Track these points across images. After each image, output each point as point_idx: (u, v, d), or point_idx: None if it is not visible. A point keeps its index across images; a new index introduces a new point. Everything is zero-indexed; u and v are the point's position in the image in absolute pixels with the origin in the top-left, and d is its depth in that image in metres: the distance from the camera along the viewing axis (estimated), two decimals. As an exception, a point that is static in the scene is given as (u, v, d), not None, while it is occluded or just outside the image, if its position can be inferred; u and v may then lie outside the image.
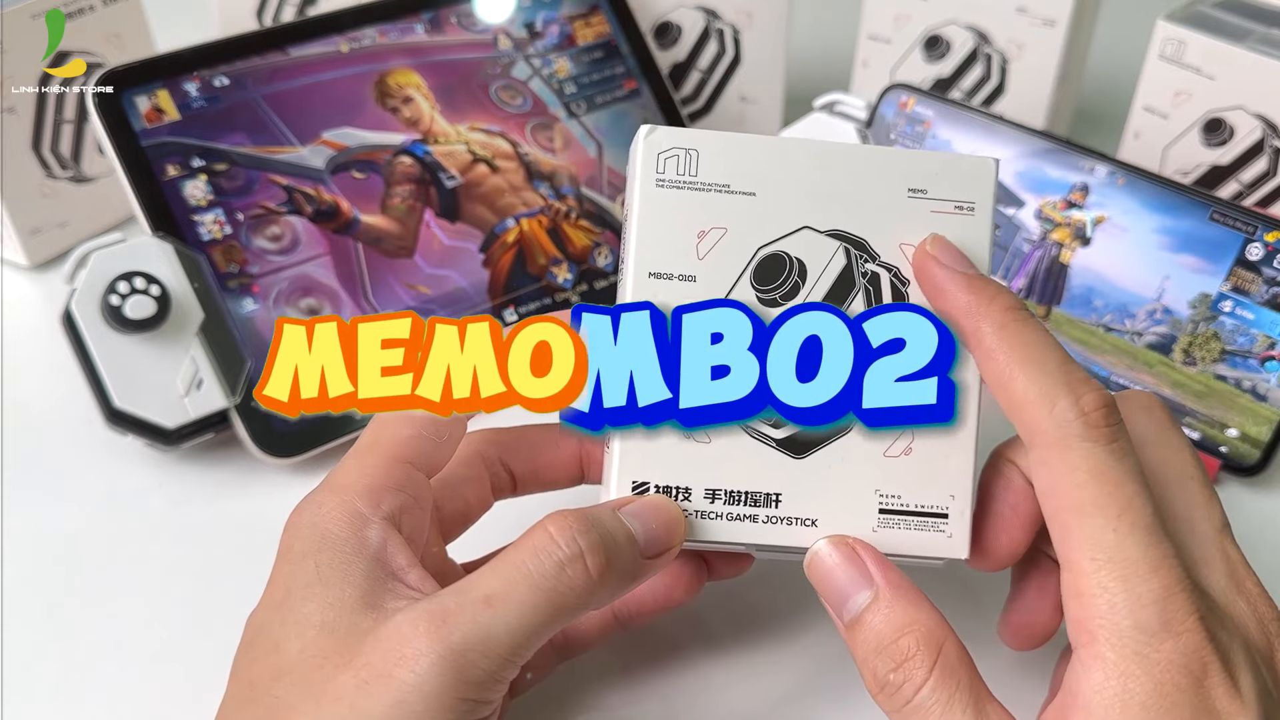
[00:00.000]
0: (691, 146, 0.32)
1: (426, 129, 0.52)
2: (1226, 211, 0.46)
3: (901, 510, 0.31)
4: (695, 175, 0.32)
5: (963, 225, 0.32)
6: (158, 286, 0.43)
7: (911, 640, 0.28)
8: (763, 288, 0.31)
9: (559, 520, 0.28)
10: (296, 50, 0.50)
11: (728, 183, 0.32)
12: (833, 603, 0.30)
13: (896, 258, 0.32)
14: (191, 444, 0.45)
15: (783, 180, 0.32)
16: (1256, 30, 0.52)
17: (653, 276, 0.31)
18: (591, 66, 0.57)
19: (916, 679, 0.28)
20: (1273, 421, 0.44)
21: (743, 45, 0.61)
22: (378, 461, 0.31)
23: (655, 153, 0.32)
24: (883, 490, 0.31)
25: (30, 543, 0.42)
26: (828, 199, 0.32)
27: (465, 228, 0.51)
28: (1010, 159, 0.50)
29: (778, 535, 0.31)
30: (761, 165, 0.32)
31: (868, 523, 0.31)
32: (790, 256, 0.32)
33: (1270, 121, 0.51)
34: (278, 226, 0.47)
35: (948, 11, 0.60)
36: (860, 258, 0.32)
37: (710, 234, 0.32)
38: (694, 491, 0.31)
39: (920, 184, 0.32)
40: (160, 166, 0.46)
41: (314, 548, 0.29)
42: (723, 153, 0.32)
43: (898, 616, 0.29)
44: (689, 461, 0.31)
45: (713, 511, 0.31)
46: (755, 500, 0.31)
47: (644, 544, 0.30)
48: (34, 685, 0.37)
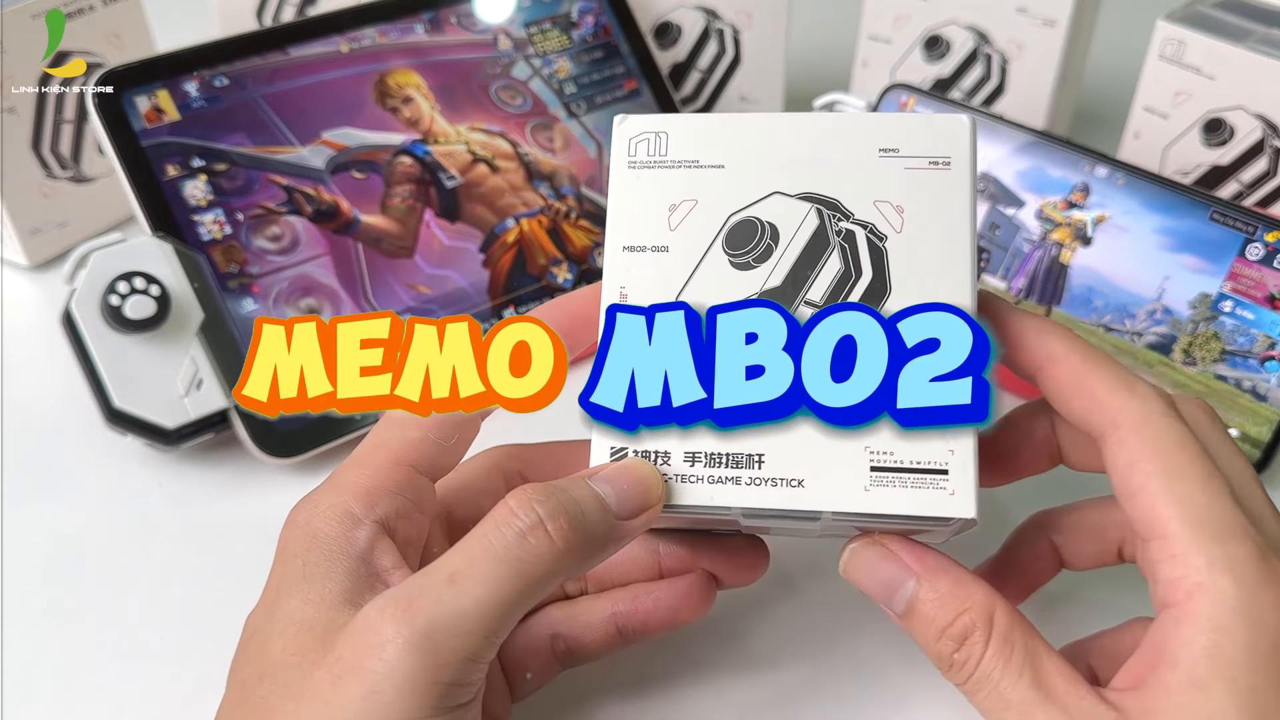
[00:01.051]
0: (661, 129, 0.32)
1: (426, 129, 0.52)
2: (1226, 211, 0.46)
3: (895, 467, 0.30)
4: (665, 155, 0.32)
5: (939, 179, 0.31)
6: (158, 286, 0.43)
7: (967, 618, 0.29)
8: (734, 252, 0.31)
9: (519, 492, 0.28)
10: (296, 50, 0.50)
11: (696, 158, 0.32)
12: (881, 600, 0.31)
13: (871, 214, 0.31)
14: (191, 444, 0.44)
15: (750, 152, 0.32)
16: (1257, 30, 0.52)
17: (626, 250, 0.32)
18: (591, 66, 0.57)
19: (976, 653, 0.29)
20: (1273, 422, 0.44)
21: (743, 45, 0.61)
22: (380, 463, 0.30)
23: (627, 138, 0.33)
24: (873, 447, 0.30)
25: (30, 543, 0.42)
26: (797, 165, 0.32)
27: (465, 228, 0.51)
28: (1011, 159, 0.50)
29: (762, 497, 0.30)
30: (729, 140, 0.32)
31: (859, 481, 0.30)
32: (761, 221, 0.32)
33: (1270, 121, 0.51)
34: (278, 226, 0.47)
35: (948, 11, 0.60)
36: (834, 217, 0.31)
37: (681, 206, 0.32)
38: (673, 455, 0.30)
39: (891, 144, 0.32)
40: (160, 166, 0.46)
41: (304, 547, 0.29)
42: (691, 131, 0.32)
43: (946, 598, 0.29)
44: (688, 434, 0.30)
45: (693, 475, 0.30)
46: (737, 461, 0.30)
47: (617, 506, 0.29)
48: (34, 685, 0.37)
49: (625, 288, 0.31)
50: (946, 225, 0.31)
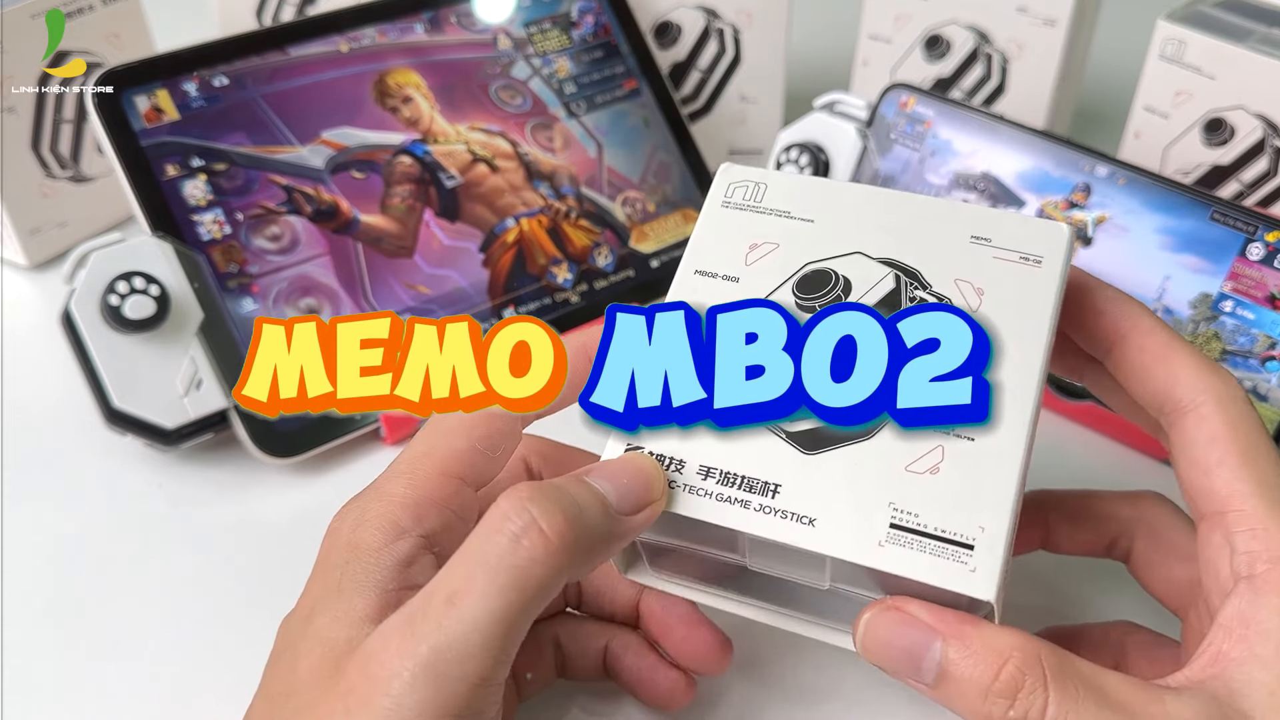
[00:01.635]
0: (762, 181, 0.33)
1: (426, 129, 0.52)
2: (1227, 211, 0.45)
3: (917, 529, 0.28)
4: (760, 202, 0.33)
5: (1027, 275, 0.31)
6: (157, 286, 0.43)
7: (1012, 668, 0.26)
8: (803, 295, 0.31)
9: (510, 493, 0.27)
10: (296, 50, 0.50)
11: (789, 210, 0.33)
12: (907, 672, 0.28)
13: (950, 290, 0.31)
14: (191, 444, 0.44)
15: (843, 214, 0.33)
16: (1257, 30, 0.52)
17: (698, 274, 0.32)
18: (591, 66, 0.57)
19: (1038, 704, 0.26)
20: (1274, 422, 0.44)
21: (743, 45, 0.61)
22: (428, 474, 0.30)
23: (727, 182, 0.34)
24: (898, 504, 0.28)
25: (29, 543, 0.42)
26: (885, 232, 0.32)
27: (465, 227, 0.51)
28: (1011, 159, 0.50)
29: (769, 527, 0.28)
30: (825, 200, 0.33)
31: (874, 534, 0.28)
32: (837, 273, 0.32)
33: (1271, 121, 0.51)
34: (277, 226, 0.47)
35: (948, 11, 0.60)
36: (910, 284, 0.31)
37: (762, 246, 0.32)
38: (688, 465, 0.29)
39: (984, 233, 0.32)
40: (160, 166, 0.46)
41: (344, 558, 0.28)
42: (789, 186, 0.33)
43: (981, 653, 0.27)
44: (690, 435, 0.30)
45: (702, 489, 0.29)
46: (752, 486, 0.29)
47: (617, 502, 0.28)
48: (33, 685, 0.37)
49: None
50: (1026, 312, 0.30)
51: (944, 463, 0.29)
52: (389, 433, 0.46)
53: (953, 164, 0.51)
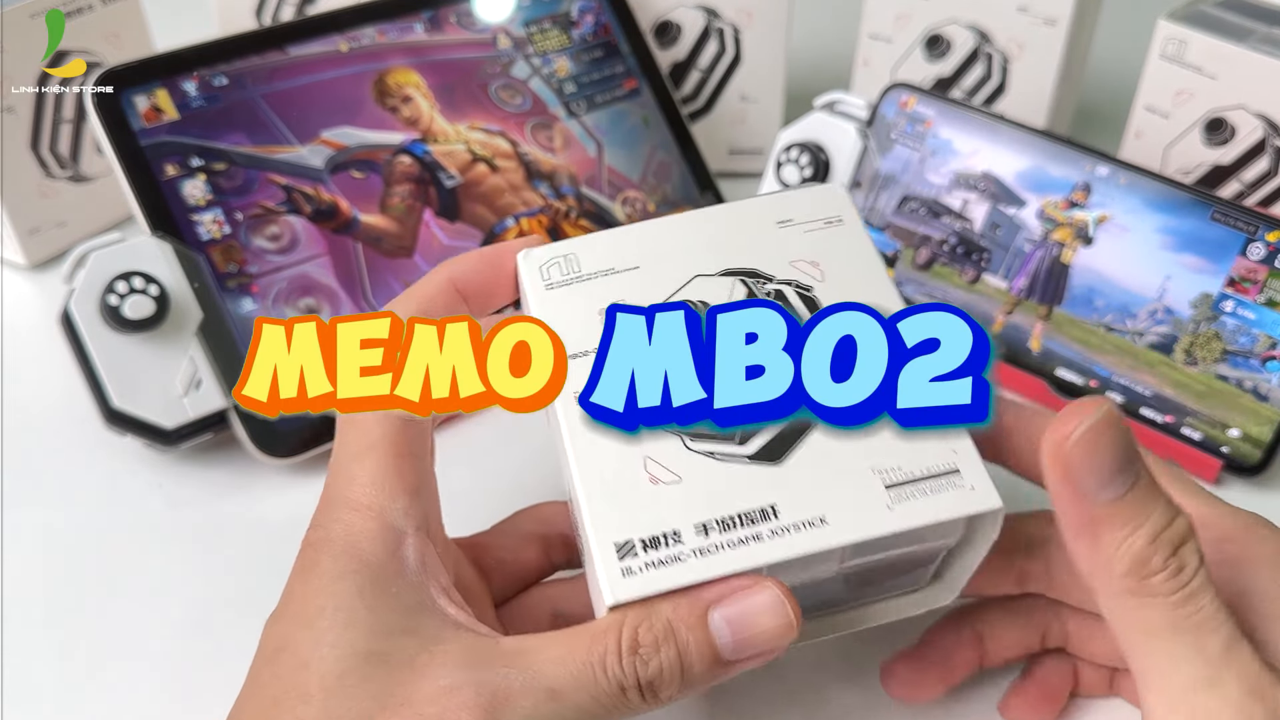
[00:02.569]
0: (569, 252, 0.34)
1: (426, 128, 0.51)
2: (1228, 211, 0.45)
3: (909, 479, 0.29)
4: (579, 270, 0.33)
5: (838, 233, 0.34)
6: (156, 286, 0.43)
7: (1183, 522, 0.27)
8: None
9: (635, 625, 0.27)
10: (295, 49, 0.50)
11: (612, 266, 0.33)
12: (1108, 477, 0.27)
13: (792, 273, 0.33)
14: (190, 444, 0.44)
15: (661, 250, 0.33)
16: (1258, 30, 0.52)
17: (572, 358, 0.31)
18: (591, 66, 0.57)
19: (1195, 559, 0.27)
20: (1274, 421, 0.44)
21: (743, 44, 0.61)
22: (385, 463, 0.30)
23: (537, 266, 0.33)
24: (879, 466, 0.29)
25: (29, 542, 0.42)
26: (707, 250, 0.33)
27: (465, 227, 0.51)
28: (1012, 158, 0.50)
29: (789, 546, 0.28)
30: (637, 245, 0.34)
31: (879, 501, 0.29)
32: (692, 302, 0.32)
33: (1272, 121, 0.51)
34: (277, 226, 0.47)
35: (948, 10, 0.59)
36: (758, 283, 0.33)
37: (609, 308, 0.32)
38: (683, 532, 0.29)
39: (784, 216, 0.34)
40: (159, 166, 0.46)
41: (351, 568, 0.28)
42: (597, 247, 0.34)
43: (1165, 506, 0.27)
44: (665, 505, 0.29)
45: (711, 545, 0.29)
46: (752, 519, 0.29)
47: (734, 649, 0.28)
48: (33, 685, 0.37)
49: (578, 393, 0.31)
50: (860, 263, 0.33)
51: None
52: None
53: (953, 163, 0.51)
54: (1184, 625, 0.26)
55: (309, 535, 0.30)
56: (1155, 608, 0.27)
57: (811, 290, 0.32)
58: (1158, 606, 0.27)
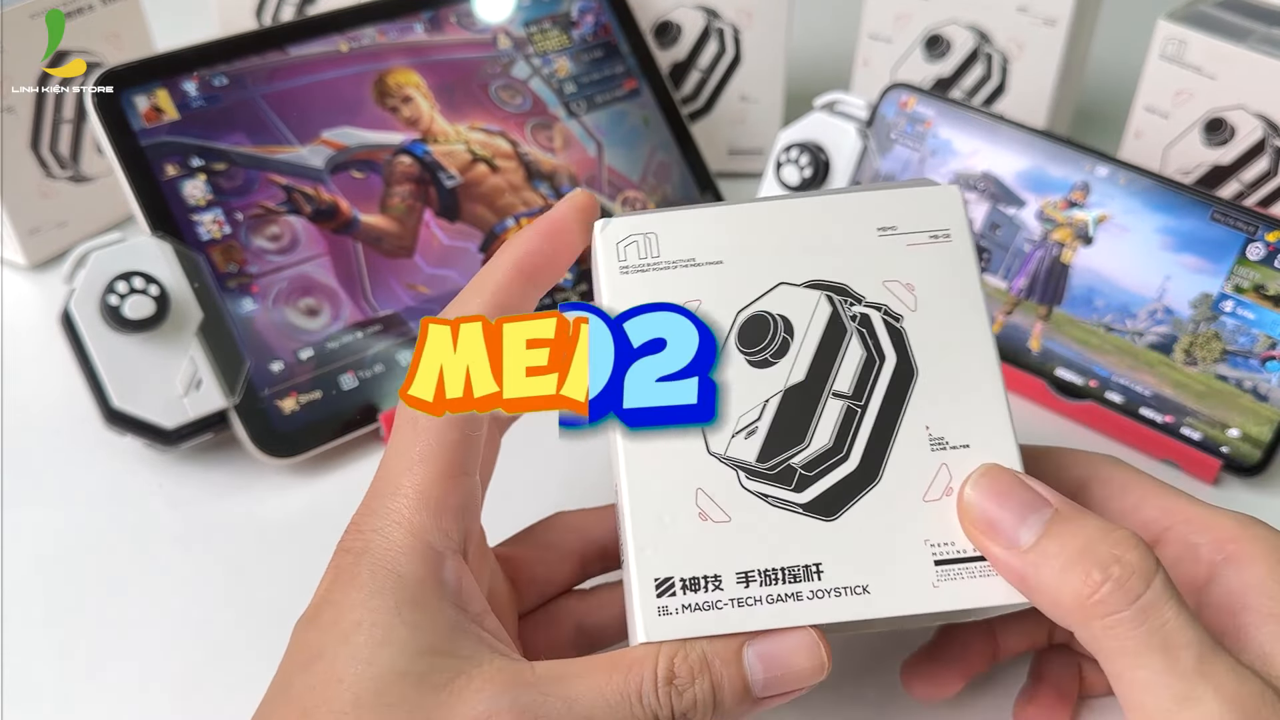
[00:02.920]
0: (649, 230, 0.31)
1: (426, 128, 0.51)
2: (1228, 211, 0.45)
3: (959, 558, 0.29)
4: (658, 256, 0.31)
5: (942, 253, 0.31)
6: (157, 286, 0.43)
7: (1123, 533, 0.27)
8: (750, 350, 0.30)
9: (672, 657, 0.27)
10: (296, 49, 0.50)
11: (693, 257, 0.31)
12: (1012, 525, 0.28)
13: (883, 296, 0.31)
14: (190, 444, 0.44)
15: (748, 244, 0.31)
16: (1257, 30, 0.52)
17: None
18: (591, 66, 0.57)
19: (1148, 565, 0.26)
20: (1274, 421, 0.44)
21: (743, 44, 0.61)
22: (434, 481, 0.29)
23: (614, 243, 0.31)
24: (932, 539, 0.29)
25: (28, 543, 0.42)
26: (798, 252, 0.31)
27: (465, 227, 0.51)
28: (1011, 158, 0.50)
29: (829, 611, 0.28)
30: (723, 234, 0.31)
31: (925, 578, 0.28)
32: (772, 314, 0.31)
33: (1271, 121, 0.51)
34: (277, 226, 0.47)
35: (948, 11, 0.59)
36: (845, 301, 0.31)
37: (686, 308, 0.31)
38: (724, 578, 0.28)
39: (888, 221, 0.31)
40: (159, 166, 0.46)
41: (390, 585, 0.28)
42: (681, 230, 0.31)
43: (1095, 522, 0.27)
44: (710, 545, 0.29)
45: (750, 597, 0.28)
46: (794, 575, 0.28)
47: (764, 685, 0.28)
48: (33, 684, 0.37)
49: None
50: (959, 298, 0.31)
51: (953, 481, 0.29)
52: (388, 433, 0.46)
53: (953, 164, 0.51)
54: (1151, 642, 0.26)
55: (347, 541, 0.29)
56: (1118, 626, 0.26)
57: (900, 320, 0.31)
58: (1117, 625, 0.26)
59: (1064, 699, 0.35)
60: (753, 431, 0.30)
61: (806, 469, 0.30)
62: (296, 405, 0.45)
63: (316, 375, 0.46)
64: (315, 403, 0.46)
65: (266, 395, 0.45)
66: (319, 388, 0.46)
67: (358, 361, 0.47)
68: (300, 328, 0.46)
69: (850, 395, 0.30)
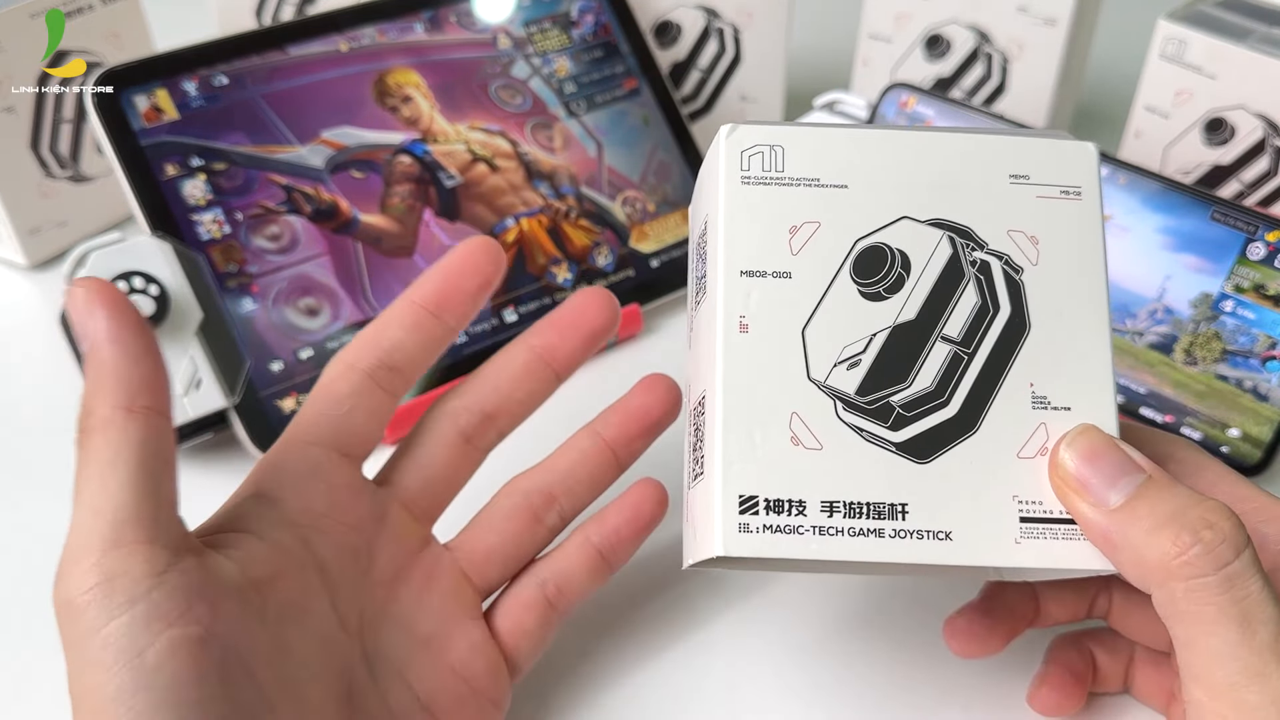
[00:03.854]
0: (776, 143, 0.30)
1: (426, 128, 0.51)
2: (1228, 211, 0.45)
3: (1045, 518, 0.28)
4: (782, 171, 0.30)
5: (1071, 210, 0.30)
6: (156, 286, 0.43)
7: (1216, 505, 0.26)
8: (864, 281, 0.30)
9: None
10: (296, 49, 0.50)
11: (817, 177, 0.30)
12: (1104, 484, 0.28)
13: (1006, 245, 0.30)
14: (190, 444, 0.44)
15: (875, 171, 0.30)
16: (1258, 29, 0.52)
17: (744, 275, 0.29)
18: (591, 65, 0.57)
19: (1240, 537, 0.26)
20: (1274, 421, 0.44)
21: (743, 44, 0.61)
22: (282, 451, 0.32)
23: (739, 150, 0.30)
24: (1021, 496, 0.29)
25: (28, 543, 0.42)
26: (925, 188, 0.30)
27: (465, 227, 0.51)
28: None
29: (908, 551, 0.28)
30: (852, 157, 0.30)
31: (1009, 533, 0.28)
32: (891, 248, 0.30)
33: (1271, 121, 0.51)
34: (277, 226, 0.47)
35: (948, 10, 0.60)
36: (967, 245, 0.30)
37: (803, 229, 0.30)
38: (809, 505, 0.28)
39: (1021, 170, 0.30)
40: (159, 166, 0.46)
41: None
42: (810, 147, 0.30)
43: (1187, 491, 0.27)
44: (800, 470, 0.28)
45: (832, 527, 0.28)
46: (879, 512, 0.28)
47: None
48: (32, 686, 0.37)
49: (745, 316, 0.29)
50: (1083, 258, 0.30)
51: (1049, 441, 0.29)
52: (388, 433, 0.46)
53: (953, 163, 0.51)
54: (1230, 611, 0.25)
55: None
56: (1198, 590, 0.26)
57: (1020, 273, 0.30)
58: (1200, 589, 0.26)
59: (1078, 682, 0.35)
60: (856, 364, 0.29)
61: (905, 409, 0.29)
62: (296, 405, 0.45)
63: (316, 375, 0.46)
64: (315, 402, 0.46)
65: (266, 395, 0.45)
66: (319, 387, 0.46)
67: (358, 361, 0.47)
68: (300, 327, 0.46)
69: (959, 341, 0.30)
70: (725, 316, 0.29)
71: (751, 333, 0.29)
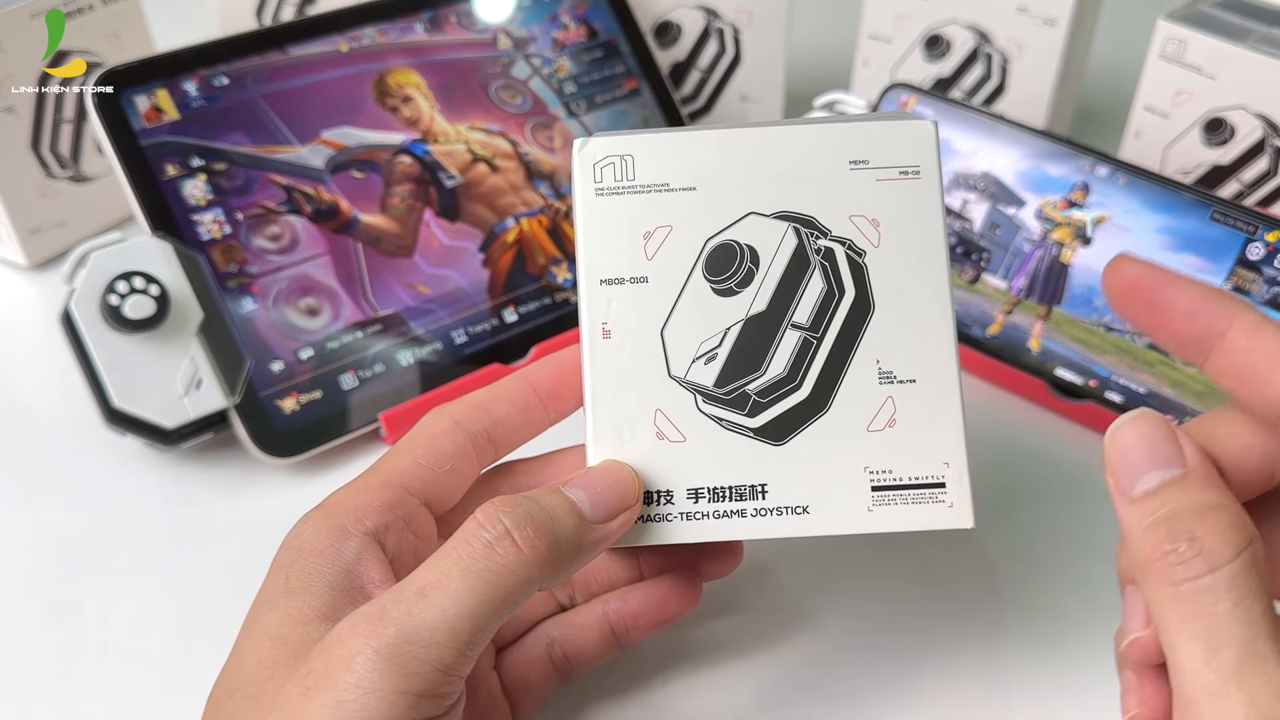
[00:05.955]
0: (626, 152, 0.32)
1: (426, 128, 0.52)
2: (1227, 211, 0.45)
3: (895, 485, 0.31)
4: (633, 179, 0.32)
5: (910, 190, 0.32)
6: (157, 286, 0.43)
7: (1220, 517, 0.25)
8: (716, 278, 0.31)
9: (487, 505, 0.28)
10: (296, 49, 0.50)
11: (667, 181, 0.32)
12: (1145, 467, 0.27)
13: (848, 230, 0.32)
14: (191, 444, 0.44)
15: (721, 171, 0.32)
16: (1257, 30, 0.52)
17: (604, 283, 0.31)
18: (591, 66, 0.57)
19: (1221, 554, 0.25)
20: (1274, 421, 0.44)
21: (743, 44, 0.61)
22: (369, 485, 0.31)
23: (590, 163, 0.32)
24: (872, 467, 0.31)
25: (28, 543, 0.42)
26: (768, 182, 0.32)
27: (465, 227, 0.51)
28: (1011, 158, 0.50)
29: (769, 527, 0.31)
30: (697, 159, 0.32)
31: (862, 502, 0.31)
32: (739, 244, 0.31)
33: (1271, 121, 0.51)
34: (277, 226, 0.47)
35: (948, 11, 0.60)
36: (811, 235, 0.32)
37: (656, 233, 0.32)
38: (675, 494, 0.31)
39: (861, 155, 0.32)
40: (159, 166, 0.46)
41: (289, 560, 0.29)
42: (657, 153, 0.32)
43: (1205, 497, 0.26)
44: (666, 463, 0.31)
45: (698, 511, 0.31)
46: (741, 494, 0.31)
47: (591, 510, 0.29)
48: (33, 685, 0.37)
49: (607, 323, 0.31)
50: (922, 236, 0.32)
51: (897, 413, 0.31)
52: (389, 433, 0.46)
53: (953, 163, 0.51)
54: (1193, 625, 0.25)
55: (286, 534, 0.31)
56: (1167, 598, 0.25)
57: (863, 256, 0.31)
58: (1169, 598, 0.25)
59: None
60: (713, 358, 0.31)
61: (760, 395, 0.31)
62: (297, 405, 0.45)
63: (316, 375, 0.46)
64: (315, 402, 0.46)
65: (267, 395, 0.45)
66: (319, 388, 0.46)
67: (358, 361, 0.47)
68: (300, 327, 0.46)
69: (808, 327, 0.31)
70: (589, 325, 0.31)
71: (614, 338, 0.31)
